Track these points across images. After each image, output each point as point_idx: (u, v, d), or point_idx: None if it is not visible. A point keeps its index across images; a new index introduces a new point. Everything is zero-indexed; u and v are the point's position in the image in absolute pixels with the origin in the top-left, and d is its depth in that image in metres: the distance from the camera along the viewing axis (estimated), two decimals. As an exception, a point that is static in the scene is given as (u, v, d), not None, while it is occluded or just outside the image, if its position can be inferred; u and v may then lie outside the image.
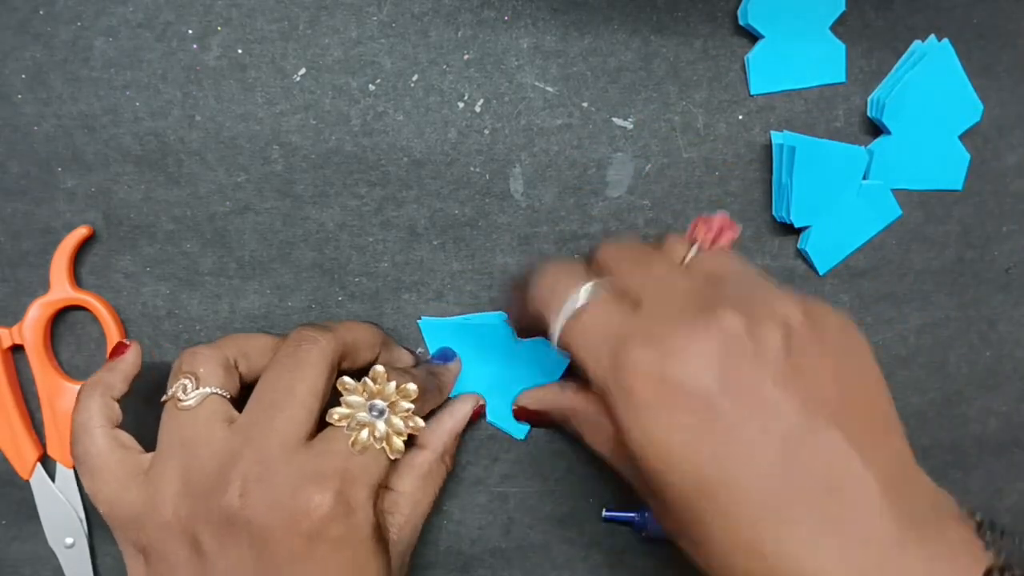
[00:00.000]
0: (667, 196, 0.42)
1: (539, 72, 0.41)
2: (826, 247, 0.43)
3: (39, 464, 0.42)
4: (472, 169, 0.41)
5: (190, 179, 0.41)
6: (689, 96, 0.42)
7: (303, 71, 0.40)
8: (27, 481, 0.42)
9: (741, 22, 0.41)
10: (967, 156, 0.43)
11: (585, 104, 0.41)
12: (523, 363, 0.43)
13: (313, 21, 0.40)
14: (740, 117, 0.42)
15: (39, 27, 0.39)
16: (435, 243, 0.42)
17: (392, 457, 0.34)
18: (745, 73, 0.42)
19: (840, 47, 0.41)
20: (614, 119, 0.42)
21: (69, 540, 0.43)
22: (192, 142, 0.40)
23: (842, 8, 0.41)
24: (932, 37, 0.42)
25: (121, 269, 0.41)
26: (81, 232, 0.40)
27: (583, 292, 0.34)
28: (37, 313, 0.41)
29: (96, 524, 0.43)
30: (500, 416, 0.43)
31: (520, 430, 0.44)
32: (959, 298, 0.45)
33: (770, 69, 0.41)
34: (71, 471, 0.42)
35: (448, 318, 0.43)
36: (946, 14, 0.42)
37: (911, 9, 0.42)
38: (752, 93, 0.42)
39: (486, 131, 0.41)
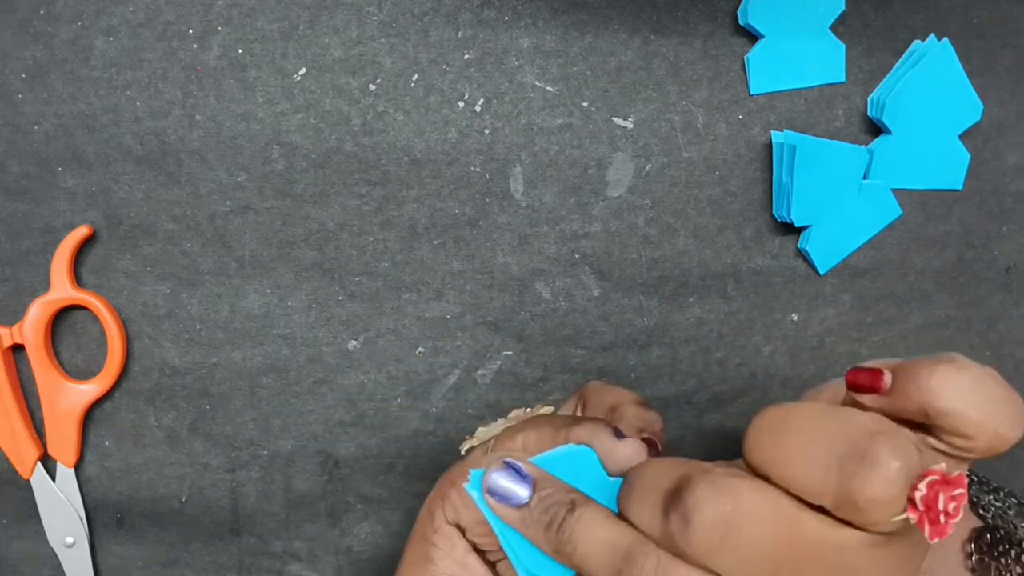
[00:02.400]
0: (667, 196, 0.42)
1: (539, 72, 0.41)
2: (827, 246, 0.43)
3: (39, 463, 0.42)
4: (472, 169, 0.41)
5: (190, 179, 0.41)
6: (689, 96, 0.42)
7: (303, 71, 0.40)
8: (27, 480, 0.42)
9: (741, 22, 0.41)
10: (967, 155, 0.43)
11: (585, 104, 0.41)
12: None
13: (313, 21, 0.40)
14: (740, 117, 0.42)
15: (39, 27, 0.39)
16: (435, 243, 0.42)
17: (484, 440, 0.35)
18: (745, 73, 0.42)
19: (840, 47, 0.41)
20: (614, 119, 0.42)
21: (69, 539, 0.43)
22: (192, 142, 0.40)
23: (842, 8, 0.41)
24: (932, 37, 0.42)
25: (121, 269, 0.41)
26: (81, 232, 0.40)
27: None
28: (37, 312, 0.41)
29: (96, 523, 0.43)
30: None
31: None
32: (959, 298, 0.44)
33: (770, 69, 0.41)
34: (71, 471, 0.42)
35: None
36: (946, 14, 0.42)
37: (911, 9, 0.42)
38: (752, 93, 0.42)
39: (486, 131, 0.41)
